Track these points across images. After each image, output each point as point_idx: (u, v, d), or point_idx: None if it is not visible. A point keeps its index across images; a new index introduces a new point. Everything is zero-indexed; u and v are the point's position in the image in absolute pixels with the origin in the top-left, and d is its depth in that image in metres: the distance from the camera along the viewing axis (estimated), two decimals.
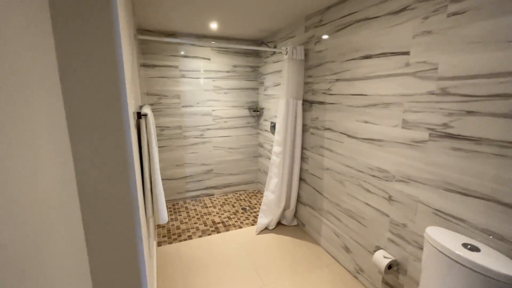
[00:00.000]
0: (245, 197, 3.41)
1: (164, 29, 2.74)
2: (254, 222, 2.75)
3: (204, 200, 3.31)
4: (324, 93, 2.11)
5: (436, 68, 1.27)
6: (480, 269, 1.00)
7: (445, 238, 1.16)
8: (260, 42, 3.22)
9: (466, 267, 1.04)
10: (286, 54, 2.23)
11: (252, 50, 3.23)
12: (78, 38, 0.74)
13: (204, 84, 3.11)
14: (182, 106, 3.05)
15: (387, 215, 1.61)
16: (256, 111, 3.39)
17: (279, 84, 2.84)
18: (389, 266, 1.55)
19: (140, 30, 2.76)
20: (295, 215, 2.70)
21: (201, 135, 3.21)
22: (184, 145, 3.16)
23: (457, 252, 1.07)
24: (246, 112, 3.40)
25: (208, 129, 3.24)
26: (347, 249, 2.00)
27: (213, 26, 2.62)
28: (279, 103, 2.37)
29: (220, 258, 2.16)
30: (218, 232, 2.57)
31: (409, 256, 1.49)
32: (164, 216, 1.51)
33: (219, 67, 3.14)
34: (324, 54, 2.08)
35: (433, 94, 1.29)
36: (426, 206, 1.37)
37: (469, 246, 1.10)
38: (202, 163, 3.29)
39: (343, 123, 1.93)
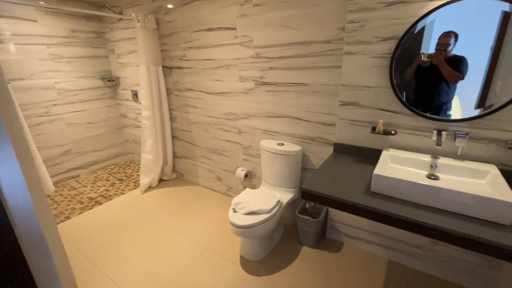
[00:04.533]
0: (118, 170, 3.40)
1: None
2: (136, 187, 2.92)
3: (69, 184, 3.03)
4: (181, 59, 2.50)
5: (252, 40, 1.98)
6: (284, 152, 1.89)
7: (269, 144, 2.00)
8: (101, 5, 3.01)
9: (279, 154, 1.91)
10: (138, 22, 2.38)
11: (92, 14, 2.98)
12: None
13: (35, 52, 2.64)
14: (9, 80, 2.50)
15: (240, 143, 2.37)
16: (111, 80, 3.27)
17: (133, 52, 2.91)
18: (246, 175, 2.35)
19: None
20: (174, 169, 3.11)
21: (46, 113, 2.79)
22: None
23: (275, 148, 1.93)
24: (99, 82, 3.20)
25: (55, 104, 2.85)
26: (219, 179, 2.69)
27: None
28: (139, 71, 2.53)
29: (112, 222, 2.30)
30: (100, 204, 2.59)
31: (256, 165, 2.34)
32: None
33: (52, 32, 2.73)
34: (175, 24, 2.41)
35: (253, 57, 2.02)
36: (259, 130, 2.19)
37: (280, 144, 1.99)
38: (55, 144, 2.92)
39: (200, 83, 2.44)
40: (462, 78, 1.26)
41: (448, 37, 1.25)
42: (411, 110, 1.42)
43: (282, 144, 1.98)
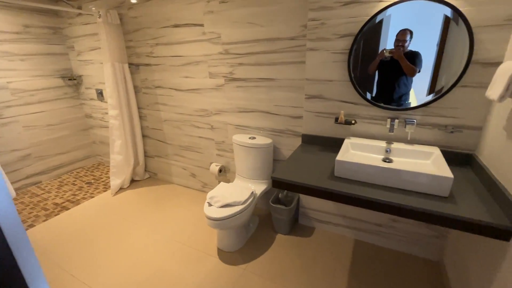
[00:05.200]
0: (86, 173, 3.24)
1: None
2: (106, 189, 2.82)
3: (30, 190, 2.83)
4: (148, 56, 2.45)
5: (220, 37, 2.01)
6: (256, 145, 1.96)
7: (241, 138, 2.06)
8: None
9: (251, 147, 1.98)
10: (100, 18, 2.28)
11: (46, 9, 2.78)
12: None
13: None
14: None
15: (213, 139, 2.40)
16: (72, 79, 3.09)
17: (96, 49, 2.78)
18: (220, 170, 2.39)
19: None
20: (146, 169, 3.04)
21: None
22: None
23: (247, 141, 1.99)
24: (59, 81, 3.01)
25: (9, 106, 2.64)
26: (194, 175, 2.70)
27: None
28: (104, 68, 2.43)
29: (82, 226, 2.21)
30: (67, 209, 2.47)
31: (230, 160, 2.39)
32: None
33: (1, 27, 2.51)
34: (140, 20, 2.35)
35: (222, 53, 2.05)
36: (231, 125, 2.24)
37: (251, 137, 2.05)
38: (12, 149, 2.71)
39: (170, 80, 2.41)
40: (419, 71, 1.40)
41: (404, 34, 1.37)
42: (367, 101, 1.56)
43: (254, 138, 2.04)
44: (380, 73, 1.51)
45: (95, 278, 1.68)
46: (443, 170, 1.16)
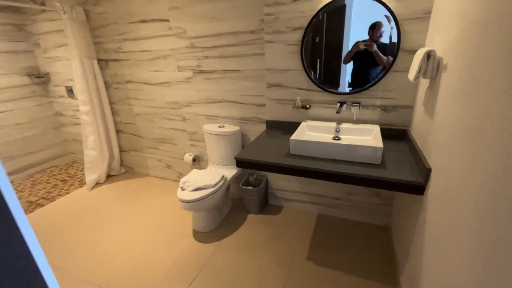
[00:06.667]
0: (60, 171, 3.23)
1: None
2: (82, 185, 2.85)
3: None
4: (116, 51, 2.49)
5: (186, 31, 2.11)
6: (225, 133, 2.10)
7: (211, 127, 2.19)
8: None
9: (221, 135, 2.12)
10: (65, 14, 2.30)
11: (6, 5, 2.72)
12: None
13: None
14: None
15: (185, 130, 2.51)
16: (39, 77, 3.05)
17: (62, 45, 2.77)
18: (194, 159, 2.51)
19: None
20: (122, 163, 3.09)
21: None
22: None
23: (216, 130, 2.12)
24: (26, 79, 2.97)
25: None
26: (169, 167, 2.80)
27: None
28: (72, 65, 2.45)
29: (58, 221, 2.25)
30: (42, 205, 2.49)
31: (202, 149, 2.51)
32: None
33: None
34: (106, 16, 2.39)
35: (188, 47, 2.15)
36: (202, 115, 2.36)
37: (220, 126, 2.19)
38: None
39: (140, 75, 2.48)
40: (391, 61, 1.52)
41: (377, 27, 1.49)
42: (319, 87, 1.75)
43: (223, 126, 2.18)
44: (355, 62, 1.62)
45: (73, 265, 1.76)
46: (376, 142, 1.37)
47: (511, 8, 0.61)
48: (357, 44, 1.57)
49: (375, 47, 1.54)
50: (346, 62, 1.64)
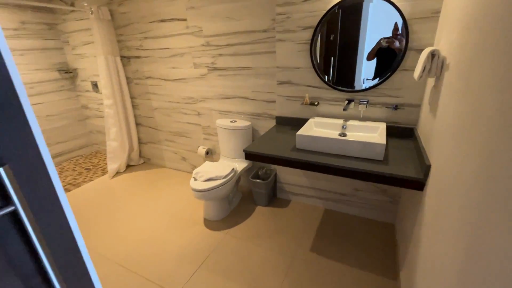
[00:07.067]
0: (84, 160, 3.48)
1: None
2: (104, 173, 3.06)
3: None
4: (138, 48, 2.65)
5: (202, 30, 2.22)
6: (237, 128, 2.20)
7: (224, 122, 2.29)
8: None
9: (232, 130, 2.22)
10: (92, 14, 2.48)
11: (42, 6, 2.96)
12: None
13: None
14: None
15: (200, 125, 2.63)
16: (68, 72, 3.29)
17: (89, 43, 2.97)
18: (207, 152, 2.64)
19: None
20: (140, 154, 3.28)
21: None
22: None
23: (228, 125, 2.23)
24: (56, 74, 3.21)
25: None
26: (184, 159, 2.95)
27: None
28: (97, 61, 2.64)
29: (83, 204, 2.46)
30: (69, 190, 2.72)
31: (215, 142, 2.63)
32: None
33: (0, 24, 2.70)
34: (129, 15, 2.55)
35: (204, 45, 2.26)
36: (215, 111, 2.47)
37: (233, 121, 2.29)
38: None
39: (158, 71, 2.63)
40: None
41: (396, 27, 1.52)
42: (328, 85, 1.80)
43: (235, 121, 2.28)
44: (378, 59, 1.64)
45: (95, 243, 1.94)
46: (380, 139, 1.41)
47: (502, 9, 0.65)
48: (380, 41, 1.59)
49: (397, 43, 1.56)
50: (369, 58, 1.66)
